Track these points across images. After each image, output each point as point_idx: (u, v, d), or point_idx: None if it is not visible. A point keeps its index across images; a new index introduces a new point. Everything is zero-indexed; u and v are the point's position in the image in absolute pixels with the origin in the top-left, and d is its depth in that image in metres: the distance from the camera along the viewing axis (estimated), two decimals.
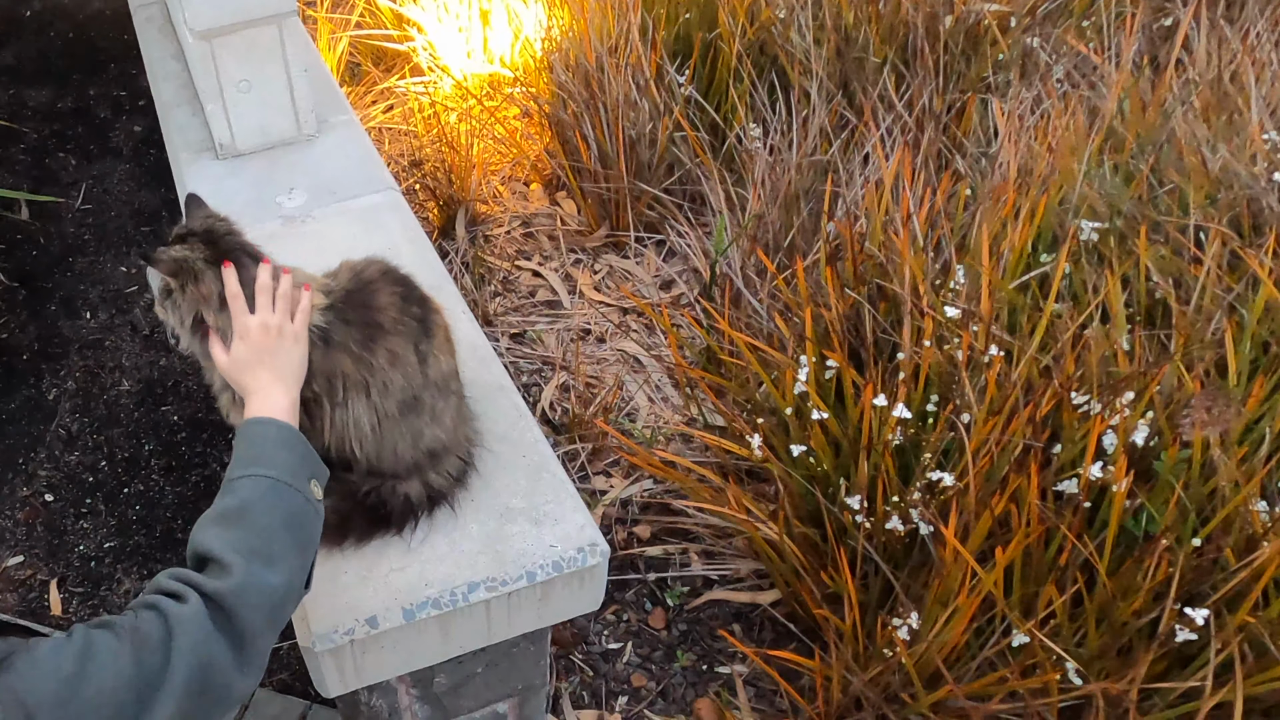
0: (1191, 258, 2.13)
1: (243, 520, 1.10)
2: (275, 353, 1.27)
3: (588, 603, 1.55)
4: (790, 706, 1.99)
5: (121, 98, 3.64)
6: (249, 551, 1.06)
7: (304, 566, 1.14)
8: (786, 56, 2.98)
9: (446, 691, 1.63)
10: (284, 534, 1.11)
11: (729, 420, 2.19)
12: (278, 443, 1.19)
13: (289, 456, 1.18)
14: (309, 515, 1.16)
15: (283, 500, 1.13)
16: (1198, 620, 1.60)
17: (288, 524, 1.12)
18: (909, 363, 1.95)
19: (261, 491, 1.13)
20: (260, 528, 1.10)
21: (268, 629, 1.04)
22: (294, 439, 1.21)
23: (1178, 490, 1.69)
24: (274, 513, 1.12)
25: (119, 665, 0.92)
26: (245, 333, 1.27)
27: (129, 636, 0.95)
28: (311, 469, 1.20)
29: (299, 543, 1.13)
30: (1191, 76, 2.70)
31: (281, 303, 1.29)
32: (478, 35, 3.48)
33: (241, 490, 1.13)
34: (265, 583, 1.05)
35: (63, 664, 0.90)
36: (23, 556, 2.30)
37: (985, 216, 2.24)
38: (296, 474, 1.16)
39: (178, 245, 1.33)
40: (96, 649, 0.93)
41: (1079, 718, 1.73)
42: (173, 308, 1.35)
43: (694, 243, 2.85)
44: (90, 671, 0.91)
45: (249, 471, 1.14)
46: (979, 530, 1.73)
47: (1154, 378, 1.81)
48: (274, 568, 1.07)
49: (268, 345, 1.26)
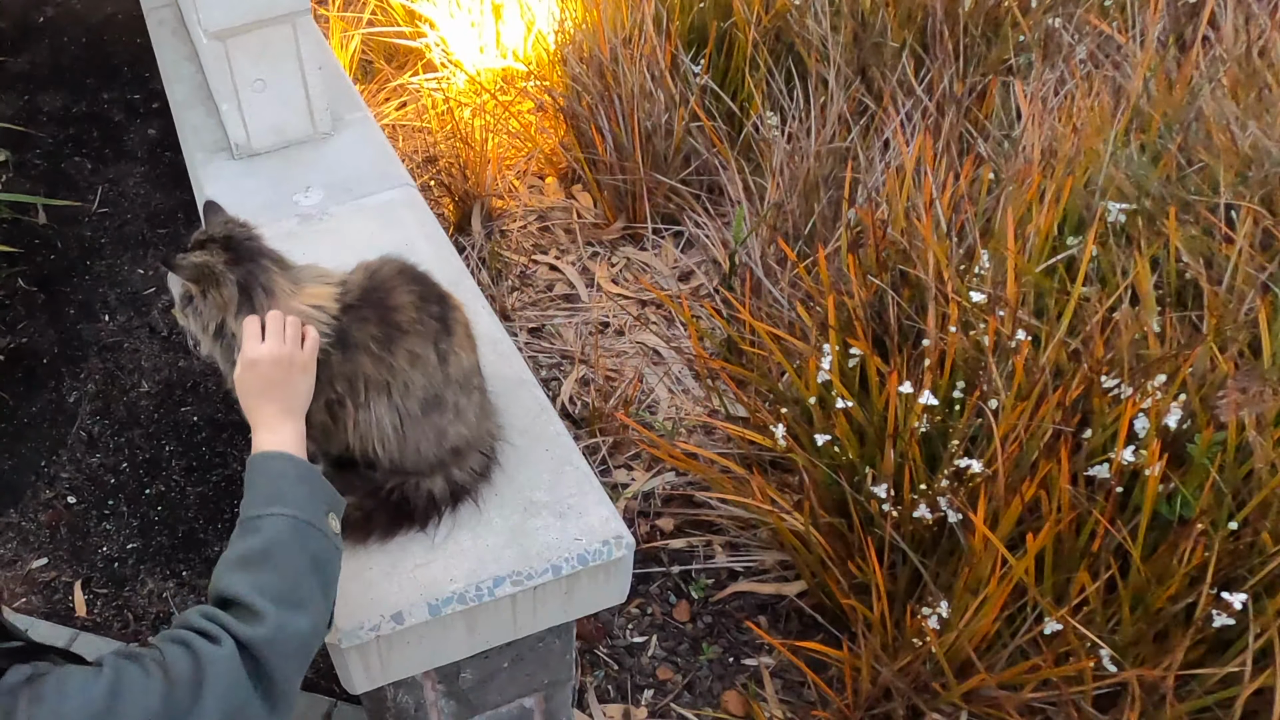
0: (1223, 237, 2.09)
1: (268, 563, 1.08)
2: (283, 384, 1.25)
3: (613, 595, 1.54)
4: (818, 698, 1.97)
5: (135, 101, 3.65)
6: (277, 597, 1.04)
7: (328, 608, 1.13)
8: (803, 43, 2.95)
9: (472, 687, 1.62)
10: (310, 577, 1.10)
11: (751, 411, 2.17)
12: (295, 479, 1.17)
13: (307, 493, 1.16)
14: (330, 554, 1.15)
15: (306, 541, 1.12)
16: (1235, 605, 1.57)
17: (313, 567, 1.11)
18: (934, 349, 1.92)
19: (284, 532, 1.11)
20: (286, 571, 1.08)
21: (296, 674, 1.04)
22: (309, 474, 1.19)
23: (1213, 473, 1.66)
24: (299, 555, 1.10)
25: (148, 701, 0.92)
26: (255, 363, 1.25)
27: (159, 673, 0.94)
28: (329, 502, 1.19)
29: (323, 584, 1.12)
30: (1219, 53, 2.66)
31: (291, 329, 1.28)
32: (490, 30, 3.47)
33: (264, 530, 1.11)
34: (296, 629, 1.04)
35: (93, 698, 0.90)
36: (47, 559, 2.30)
37: (1010, 200, 2.21)
38: (315, 511, 1.15)
39: (198, 251, 1.31)
40: (126, 684, 0.92)
41: (1114, 705, 1.70)
42: (194, 314, 1.34)
43: (712, 233, 2.83)
44: (119, 708, 0.90)
45: (269, 510, 1.12)
46: (1009, 517, 1.71)
47: (1186, 360, 1.78)
48: (302, 612, 1.06)
49: (276, 377, 1.25)
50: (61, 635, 2.15)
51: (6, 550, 2.32)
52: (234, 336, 1.30)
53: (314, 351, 1.30)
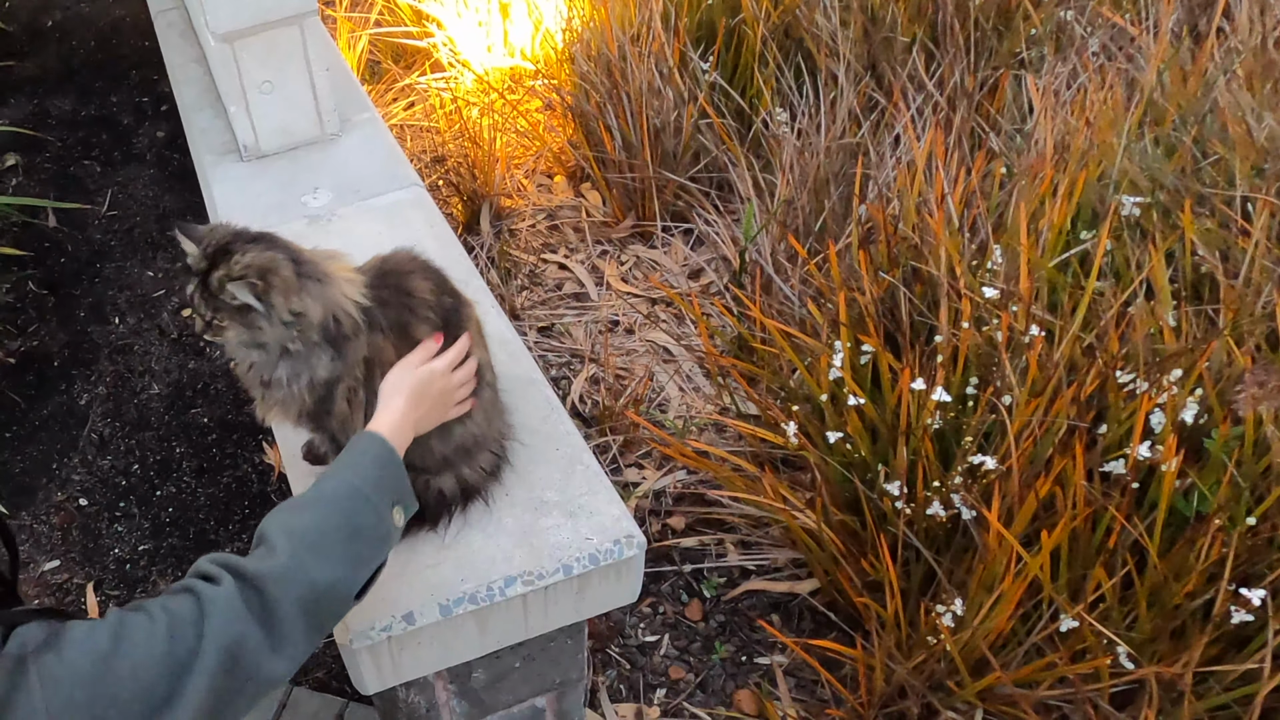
0: (1239, 230, 2.07)
1: (309, 511, 1.11)
2: (429, 401, 1.31)
3: (625, 595, 1.53)
4: (832, 696, 1.96)
5: (144, 103, 3.66)
6: (302, 542, 1.07)
7: (355, 577, 1.12)
8: (812, 39, 2.93)
9: (484, 687, 1.62)
10: (344, 540, 1.11)
11: (763, 408, 2.15)
12: (373, 459, 1.20)
13: (379, 474, 1.19)
14: (377, 532, 1.16)
15: (354, 508, 1.14)
16: (1254, 601, 1.56)
17: (350, 533, 1.12)
18: (947, 345, 1.91)
19: (338, 493, 1.14)
20: (322, 524, 1.10)
21: (301, 617, 1.03)
22: (390, 461, 1.21)
23: (1230, 468, 1.64)
24: (339, 516, 1.12)
25: (152, 644, 0.93)
26: (431, 372, 1.32)
27: (162, 617, 0.96)
28: (398, 494, 1.20)
29: (354, 554, 1.12)
30: (1234, 44, 2.63)
31: (463, 373, 1.37)
32: (498, 29, 3.46)
33: (320, 486, 1.16)
34: (307, 575, 1.05)
35: (98, 643, 0.92)
36: (59, 561, 2.30)
37: (1022, 194, 2.20)
38: (381, 492, 1.17)
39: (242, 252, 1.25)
40: (130, 628, 0.94)
41: (1131, 703, 1.69)
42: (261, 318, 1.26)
43: (722, 230, 2.82)
44: (124, 650, 0.92)
45: (334, 474, 1.17)
46: (1023, 514, 1.70)
47: (1202, 354, 1.76)
48: (321, 562, 1.07)
49: (430, 392, 1.31)
50: None
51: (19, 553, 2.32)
52: (300, 316, 1.27)
53: (464, 398, 1.39)
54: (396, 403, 1.28)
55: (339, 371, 1.29)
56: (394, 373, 1.31)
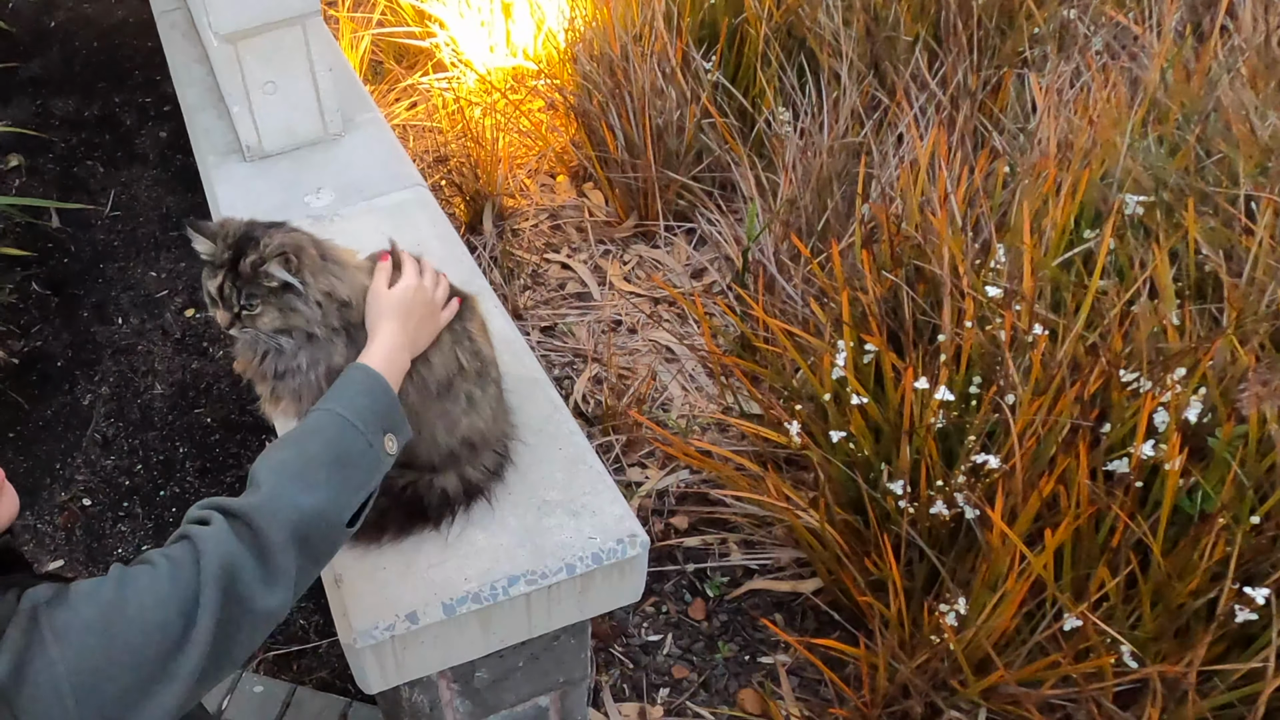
0: (1243, 229, 2.07)
1: (290, 445, 1.13)
2: (415, 315, 1.31)
3: (628, 594, 1.53)
4: (836, 695, 1.95)
5: (147, 104, 3.66)
6: (286, 472, 1.08)
7: (343, 503, 1.12)
8: (815, 38, 2.93)
9: (488, 686, 1.62)
10: (330, 466, 1.11)
11: (766, 408, 2.15)
12: (361, 388, 1.20)
13: (367, 402, 1.19)
14: (365, 458, 1.15)
15: (342, 436, 1.14)
16: (1258, 599, 1.56)
17: (338, 459, 1.12)
18: (950, 344, 1.91)
19: (323, 424, 1.15)
20: (307, 454, 1.11)
21: (292, 544, 1.04)
22: (379, 389, 1.21)
23: (1234, 467, 1.64)
24: (327, 445, 1.13)
25: (156, 588, 0.95)
26: (406, 289, 1.32)
27: (163, 563, 0.97)
28: (388, 422, 1.20)
29: (344, 479, 1.12)
30: (1237, 43, 2.63)
31: (430, 275, 1.37)
32: (500, 29, 3.46)
33: (308, 420, 1.16)
34: (292, 500, 1.06)
35: (104, 593, 0.94)
36: (63, 560, 2.31)
37: (1025, 193, 2.19)
38: (368, 420, 1.17)
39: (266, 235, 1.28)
40: (133, 576, 0.96)
41: (1135, 702, 1.69)
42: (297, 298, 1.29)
43: (725, 230, 2.82)
44: (130, 596, 0.94)
45: (323, 405, 1.18)
46: (1027, 513, 1.69)
47: (1206, 353, 1.76)
48: (306, 491, 1.08)
49: (413, 307, 1.31)
50: None
51: (23, 553, 2.32)
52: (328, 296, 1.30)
53: (444, 299, 1.39)
54: (386, 327, 1.28)
55: (352, 358, 1.29)
56: (370, 303, 1.31)
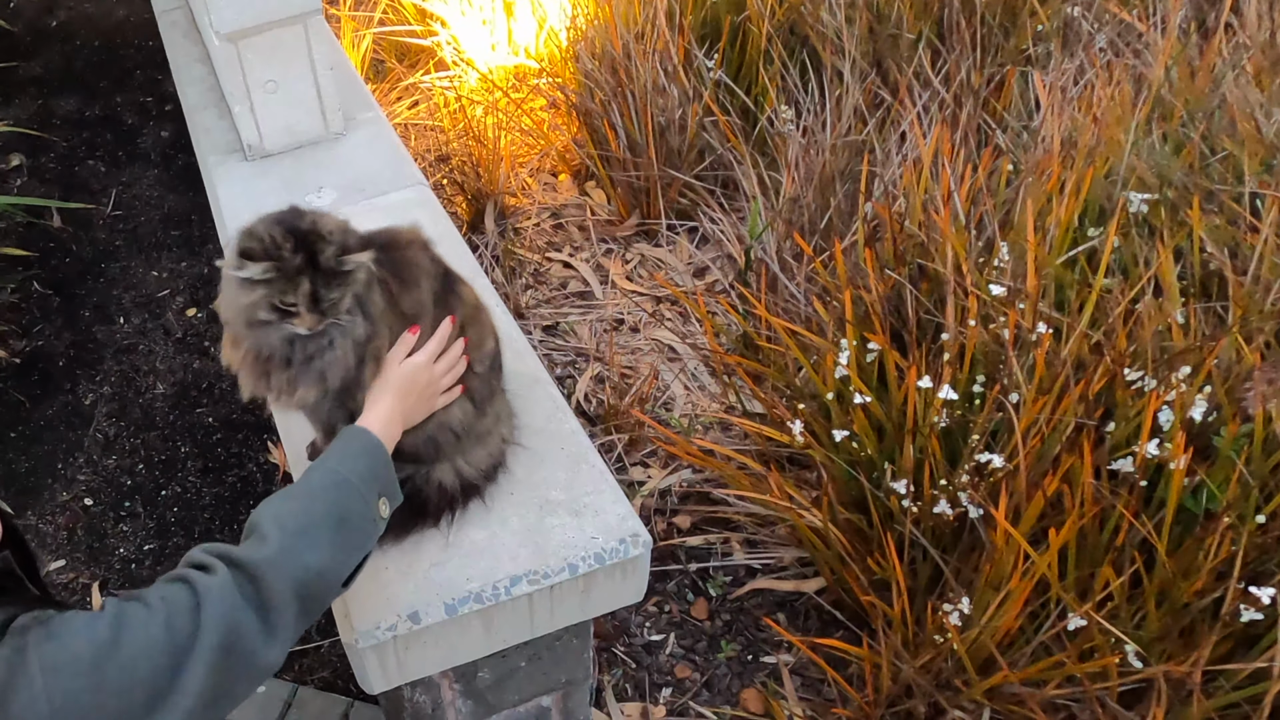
0: (1248, 226, 2.06)
1: (297, 501, 1.14)
2: (412, 393, 1.33)
3: (631, 594, 1.52)
4: (839, 695, 1.95)
5: (148, 104, 3.66)
6: (291, 528, 1.09)
7: (343, 563, 1.15)
8: (817, 36, 2.92)
9: (490, 686, 1.61)
10: (330, 528, 1.13)
11: (768, 407, 2.15)
12: (360, 450, 1.23)
13: (365, 465, 1.21)
14: (364, 521, 1.18)
15: (341, 497, 1.16)
16: (1264, 599, 1.55)
17: (337, 522, 1.14)
18: (953, 343, 1.90)
19: (325, 483, 1.17)
20: (311, 512, 1.13)
21: (294, 602, 1.05)
22: (378, 452, 1.24)
23: (1239, 466, 1.63)
24: (329, 505, 1.15)
25: (150, 632, 0.95)
26: (415, 367, 1.33)
27: (160, 606, 0.98)
28: (384, 487, 1.23)
29: (344, 540, 1.15)
30: (1242, 40, 2.62)
31: (445, 362, 1.37)
32: (502, 27, 3.46)
33: (309, 477, 1.19)
34: (299, 560, 1.07)
35: (97, 632, 0.94)
36: (64, 560, 2.30)
37: (1029, 191, 2.18)
38: (366, 482, 1.20)
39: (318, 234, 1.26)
40: (129, 618, 0.96)
41: (1140, 702, 1.68)
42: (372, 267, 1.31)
43: (727, 229, 2.81)
44: (124, 639, 0.94)
45: (326, 464, 1.20)
46: (1031, 512, 1.69)
47: (1211, 351, 1.75)
48: (312, 550, 1.09)
49: (414, 386, 1.33)
50: None
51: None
52: None
53: (451, 385, 1.40)
54: (384, 400, 1.30)
55: (370, 332, 1.30)
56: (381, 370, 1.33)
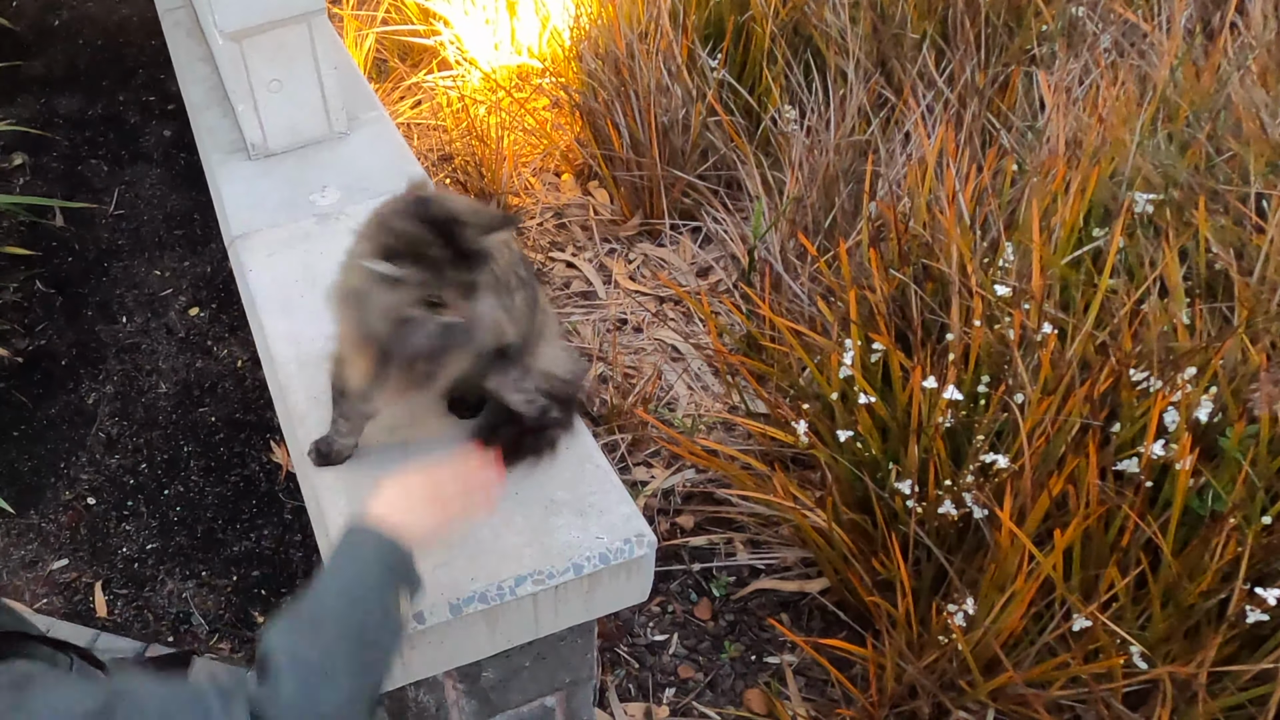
0: (1254, 227, 2.06)
1: (314, 633, 1.07)
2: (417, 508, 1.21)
3: (635, 594, 1.52)
4: (842, 696, 1.94)
5: (151, 103, 3.66)
6: (308, 665, 1.03)
7: (371, 681, 1.09)
8: (821, 36, 2.92)
9: (494, 686, 1.61)
10: (353, 652, 1.06)
11: (772, 407, 2.14)
12: (377, 554, 1.14)
13: (383, 572, 1.13)
14: (384, 631, 1.12)
15: (364, 618, 1.09)
16: (1269, 600, 1.55)
17: (362, 643, 1.08)
18: (958, 343, 1.90)
19: (340, 609, 1.09)
20: (330, 646, 1.06)
21: None
22: (393, 551, 1.15)
23: (1245, 467, 1.63)
24: (348, 628, 1.07)
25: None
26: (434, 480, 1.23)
27: None
28: (403, 581, 1.15)
29: (365, 661, 1.08)
30: (1247, 40, 2.62)
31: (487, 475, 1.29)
32: (505, 27, 3.45)
33: (324, 597, 1.10)
34: (317, 698, 1.02)
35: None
36: (67, 559, 2.30)
37: (1034, 191, 2.18)
38: (385, 589, 1.12)
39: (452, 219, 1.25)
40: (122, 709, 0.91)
41: (1145, 703, 1.68)
42: None
43: (731, 228, 2.81)
44: None
45: (338, 577, 1.12)
46: (1036, 512, 1.69)
47: (1217, 352, 1.75)
48: (330, 684, 1.03)
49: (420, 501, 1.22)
50: (83, 636, 2.14)
51: (27, 552, 2.32)
52: None
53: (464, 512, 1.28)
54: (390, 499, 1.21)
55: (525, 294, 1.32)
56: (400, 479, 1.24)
